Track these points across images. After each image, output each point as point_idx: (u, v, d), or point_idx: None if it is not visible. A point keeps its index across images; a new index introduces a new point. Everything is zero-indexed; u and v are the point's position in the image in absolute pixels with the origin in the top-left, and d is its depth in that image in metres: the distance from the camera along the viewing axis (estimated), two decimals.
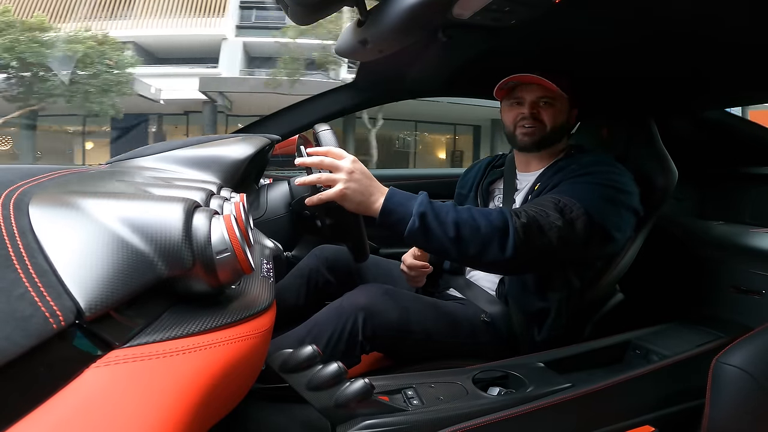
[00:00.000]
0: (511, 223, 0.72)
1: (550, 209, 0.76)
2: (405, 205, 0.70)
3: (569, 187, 0.82)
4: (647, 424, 0.75)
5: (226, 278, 0.37)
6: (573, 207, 0.77)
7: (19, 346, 0.22)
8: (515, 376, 0.74)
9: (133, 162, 0.77)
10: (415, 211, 0.69)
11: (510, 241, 0.71)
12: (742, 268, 0.99)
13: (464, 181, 1.15)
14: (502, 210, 0.75)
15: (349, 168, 0.69)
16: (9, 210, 0.30)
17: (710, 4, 0.67)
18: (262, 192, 1.15)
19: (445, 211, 0.71)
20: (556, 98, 0.93)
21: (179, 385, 0.29)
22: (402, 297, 0.86)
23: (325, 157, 0.70)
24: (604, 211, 0.79)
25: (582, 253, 0.82)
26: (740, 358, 0.74)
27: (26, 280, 0.25)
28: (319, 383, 0.59)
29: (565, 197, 0.79)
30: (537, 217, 0.74)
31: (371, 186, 0.71)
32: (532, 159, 1.00)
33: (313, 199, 0.71)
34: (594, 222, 0.77)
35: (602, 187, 0.82)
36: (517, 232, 0.71)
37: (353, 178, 0.69)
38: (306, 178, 0.72)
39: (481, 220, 0.71)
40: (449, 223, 0.70)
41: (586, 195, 0.79)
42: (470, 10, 0.66)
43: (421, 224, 0.69)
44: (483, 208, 0.75)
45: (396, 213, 0.70)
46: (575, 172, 0.85)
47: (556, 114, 0.93)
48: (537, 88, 0.92)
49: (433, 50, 0.89)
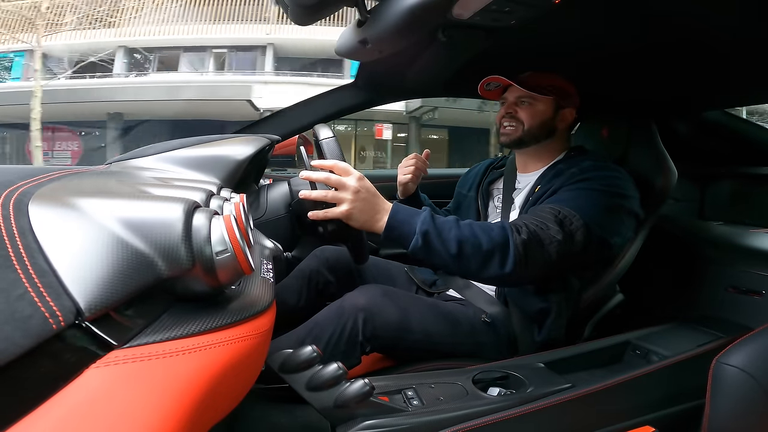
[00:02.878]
0: (511, 239, 0.73)
1: (550, 221, 0.77)
2: (408, 222, 0.72)
3: (569, 195, 0.83)
4: (647, 424, 0.74)
5: (225, 278, 0.37)
6: (573, 219, 0.78)
7: (19, 347, 0.22)
8: (515, 377, 0.74)
9: (133, 162, 0.77)
10: (418, 230, 0.71)
11: (510, 257, 0.72)
12: (742, 268, 0.99)
13: (465, 181, 1.16)
14: (503, 225, 0.76)
15: (356, 187, 0.70)
16: (9, 210, 0.30)
17: (710, 6, 0.68)
18: (262, 192, 1.15)
19: (448, 227, 0.72)
20: (538, 98, 0.94)
21: (179, 386, 0.29)
22: (402, 298, 0.86)
23: (331, 174, 0.70)
24: (604, 219, 0.81)
25: (581, 261, 0.83)
26: (740, 358, 0.74)
27: (26, 281, 0.25)
28: (319, 383, 0.59)
29: (565, 208, 0.79)
30: (537, 231, 0.76)
31: (376, 205, 0.72)
32: (529, 159, 1.00)
33: (319, 215, 0.71)
34: (593, 233, 0.79)
35: (601, 194, 0.82)
36: (517, 248, 0.73)
37: (359, 198, 0.70)
38: (311, 194, 0.72)
39: (483, 236, 0.73)
40: (451, 240, 0.71)
41: (586, 204, 0.80)
42: (470, 11, 0.66)
43: (424, 242, 0.71)
44: (485, 223, 0.76)
45: (399, 230, 0.71)
46: (575, 177, 0.86)
47: (535, 114, 0.95)
48: (518, 88, 0.94)
49: (433, 50, 0.89)
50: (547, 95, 0.94)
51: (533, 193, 0.92)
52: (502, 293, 0.92)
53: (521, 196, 0.97)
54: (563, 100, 0.96)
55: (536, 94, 0.93)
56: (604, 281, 0.95)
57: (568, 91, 0.96)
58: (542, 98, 0.94)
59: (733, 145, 1.31)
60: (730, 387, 0.73)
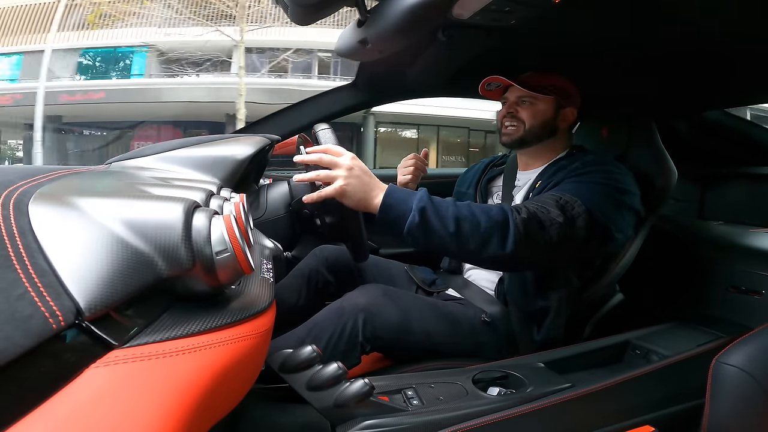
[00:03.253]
0: (511, 218, 0.71)
1: (551, 206, 0.76)
2: (405, 200, 0.70)
3: (571, 186, 0.82)
4: (647, 424, 0.74)
5: (225, 278, 0.37)
6: (574, 204, 0.77)
7: (19, 346, 0.22)
8: (515, 377, 0.74)
9: (133, 162, 0.77)
10: (415, 206, 0.69)
11: (510, 236, 0.70)
12: (742, 268, 0.99)
13: (464, 179, 1.17)
14: (502, 206, 0.75)
15: (348, 164, 0.69)
16: (9, 210, 0.30)
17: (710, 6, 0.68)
18: (262, 192, 1.15)
19: (445, 206, 0.71)
20: (539, 98, 0.94)
21: (179, 385, 0.29)
22: (402, 297, 0.86)
23: (324, 155, 0.70)
24: (606, 210, 0.79)
25: (583, 250, 0.81)
26: (740, 358, 0.74)
27: (26, 281, 0.25)
28: (319, 383, 0.59)
29: (567, 195, 0.79)
30: (537, 212, 0.74)
31: (370, 182, 0.70)
32: (530, 158, 1.00)
33: (313, 196, 0.70)
34: (595, 220, 0.77)
35: (604, 186, 0.82)
36: (517, 227, 0.71)
37: (352, 174, 0.69)
38: (304, 175, 0.72)
39: (482, 215, 0.71)
40: (449, 217, 0.70)
41: (588, 193, 0.80)
42: (470, 10, 0.66)
43: (421, 219, 0.69)
44: (483, 204, 0.75)
45: (395, 209, 0.70)
46: (577, 171, 0.86)
47: (536, 113, 0.95)
48: (518, 88, 0.94)
49: (433, 50, 0.89)
50: (548, 95, 0.94)
51: (534, 189, 0.92)
52: (502, 292, 0.92)
53: (521, 194, 0.97)
54: (564, 99, 0.96)
55: (537, 93, 0.93)
56: (604, 281, 0.95)
57: (569, 91, 0.96)
58: (543, 98, 0.94)
59: (733, 145, 1.31)
60: (730, 387, 0.73)
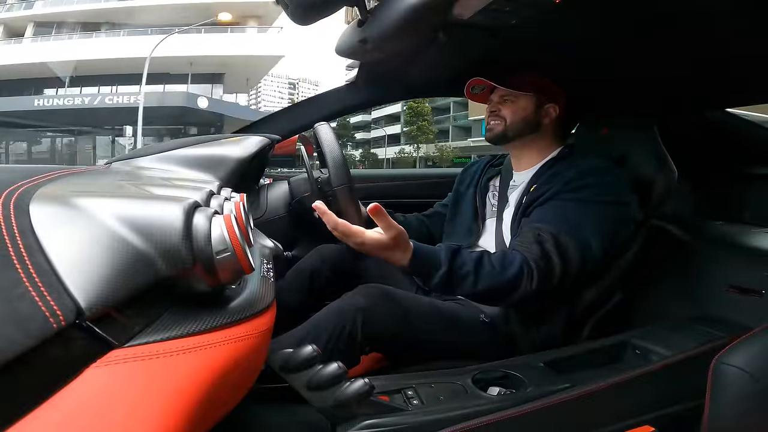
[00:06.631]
0: (525, 278, 0.79)
1: (553, 254, 0.81)
2: (427, 267, 0.77)
3: (565, 212, 0.86)
4: (647, 424, 0.74)
5: (226, 278, 0.37)
6: (573, 245, 0.82)
7: (20, 346, 0.22)
8: (515, 376, 0.74)
9: (134, 162, 0.77)
10: (437, 280, 0.77)
11: (518, 294, 0.80)
12: (742, 268, 0.99)
13: (463, 178, 1.17)
14: (520, 267, 0.80)
15: (357, 245, 0.73)
16: (9, 210, 0.30)
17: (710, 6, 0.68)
18: (262, 192, 1.15)
19: (465, 272, 0.78)
20: (519, 95, 0.99)
21: (179, 385, 0.29)
22: (401, 297, 0.86)
23: (338, 223, 0.72)
24: (602, 236, 0.84)
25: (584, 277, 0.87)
26: (740, 358, 0.74)
27: (26, 280, 0.25)
28: (319, 383, 0.59)
29: (563, 235, 0.82)
30: (545, 267, 0.81)
31: (385, 253, 0.75)
32: (520, 155, 1.03)
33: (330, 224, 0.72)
34: (594, 254, 0.84)
35: (598, 205, 0.85)
36: (526, 289, 0.79)
37: (365, 250, 0.74)
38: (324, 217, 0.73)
39: (497, 281, 0.79)
40: (467, 286, 0.78)
41: (584, 221, 0.84)
42: (470, 10, 0.66)
43: (444, 286, 0.78)
44: (501, 264, 0.80)
45: (419, 273, 0.79)
46: (572, 185, 0.87)
47: (517, 110, 0.99)
48: (501, 88, 0.99)
49: (433, 50, 0.89)
50: (527, 92, 0.98)
51: (528, 192, 0.93)
52: None
53: (515, 194, 0.99)
54: (545, 96, 0.99)
55: (516, 91, 0.98)
56: (604, 281, 0.95)
57: (549, 89, 1.00)
58: (524, 95, 0.99)
59: (733, 145, 1.31)
60: (731, 387, 0.73)
